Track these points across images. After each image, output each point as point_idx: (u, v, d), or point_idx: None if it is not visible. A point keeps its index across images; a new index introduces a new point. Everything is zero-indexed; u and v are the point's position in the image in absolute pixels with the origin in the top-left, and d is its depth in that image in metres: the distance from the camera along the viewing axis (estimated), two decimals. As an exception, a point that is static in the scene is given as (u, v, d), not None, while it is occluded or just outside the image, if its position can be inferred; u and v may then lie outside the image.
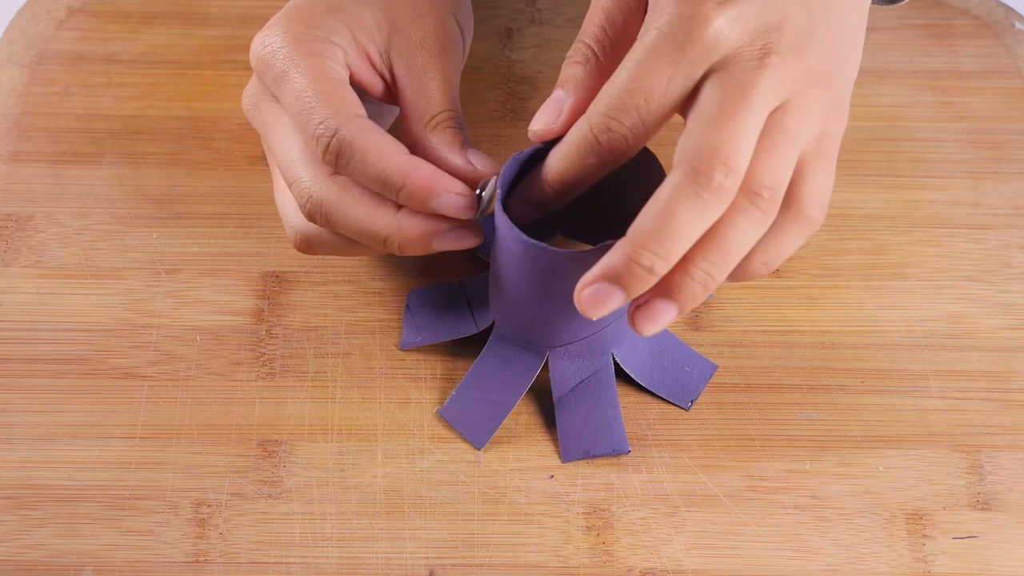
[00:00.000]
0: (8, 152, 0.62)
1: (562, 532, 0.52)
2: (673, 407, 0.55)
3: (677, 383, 0.55)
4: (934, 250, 0.60)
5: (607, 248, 0.46)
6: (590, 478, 0.53)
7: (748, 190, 0.44)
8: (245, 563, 0.51)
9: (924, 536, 0.52)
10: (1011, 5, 0.69)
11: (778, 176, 0.45)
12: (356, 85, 0.52)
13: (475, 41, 0.67)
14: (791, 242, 0.47)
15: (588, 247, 0.49)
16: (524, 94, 0.65)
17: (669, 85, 0.45)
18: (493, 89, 0.66)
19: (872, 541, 0.52)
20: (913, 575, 0.51)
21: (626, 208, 0.51)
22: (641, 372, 0.55)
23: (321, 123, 0.49)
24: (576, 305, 0.45)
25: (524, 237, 0.49)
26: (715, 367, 0.56)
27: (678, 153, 0.44)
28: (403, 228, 0.50)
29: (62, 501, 0.52)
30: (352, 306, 0.58)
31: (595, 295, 0.45)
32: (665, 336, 0.56)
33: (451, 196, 0.49)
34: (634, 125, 0.45)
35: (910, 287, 0.59)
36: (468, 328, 0.56)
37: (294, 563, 0.51)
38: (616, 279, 0.44)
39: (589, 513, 0.53)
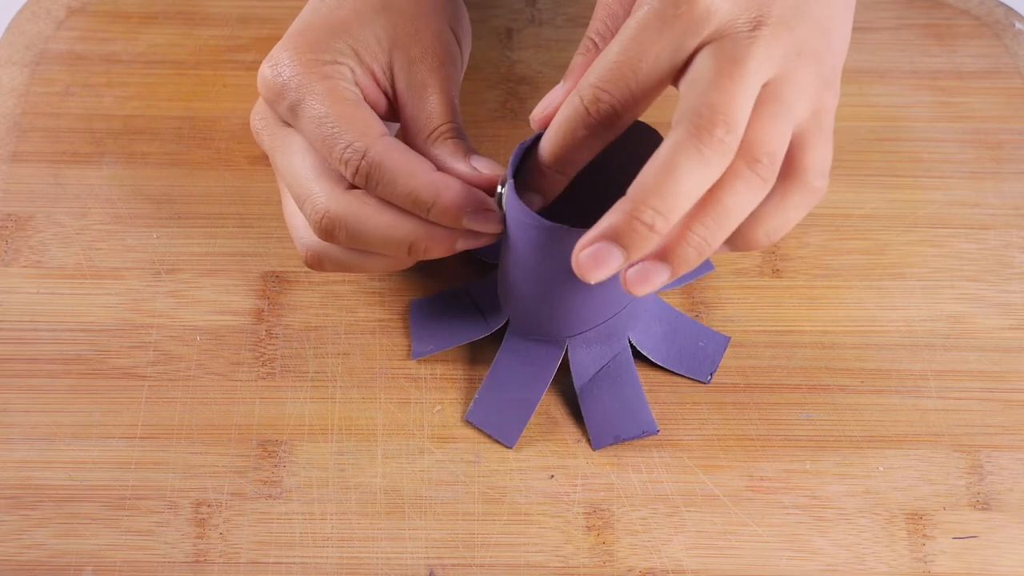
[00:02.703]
0: (8, 152, 0.62)
1: (562, 532, 0.52)
2: (673, 407, 0.55)
3: (694, 359, 0.56)
4: (934, 250, 0.60)
5: None
6: (590, 478, 0.53)
7: (748, 156, 0.44)
8: (245, 563, 0.51)
9: (924, 536, 0.52)
10: (1011, 5, 0.69)
11: (776, 144, 0.45)
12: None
13: (475, 41, 0.67)
14: (795, 212, 0.47)
15: None
16: (524, 94, 0.65)
17: (659, 56, 0.45)
18: (493, 89, 0.66)
19: (872, 541, 0.52)
20: (913, 575, 0.51)
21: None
22: (656, 351, 0.56)
23: (348, 147, 0.49)
24: (574, 268, 0.45)
25: (540, 219, 0.49)
26: (728, 339, 0.56)
27: (676, 115, 0.45)
28: (429, 231, 0.50)
29: (62, 501, 0.52)
30: (352, 306, 0.58)
31: (594, 255, 0.44)
32: (675, 314, 0.57)
33: (482, 213, 0.50)
34: (622, 95, 0.46)
35: (910, 287, 0.59)
36: (480, 330, 0.56)
37: (294, 563, 0.51)
38: (617, 238, 0.44)
39: (589, 513, 0.53)
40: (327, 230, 0.51)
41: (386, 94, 0.54)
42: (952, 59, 0.67)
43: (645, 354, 0.55)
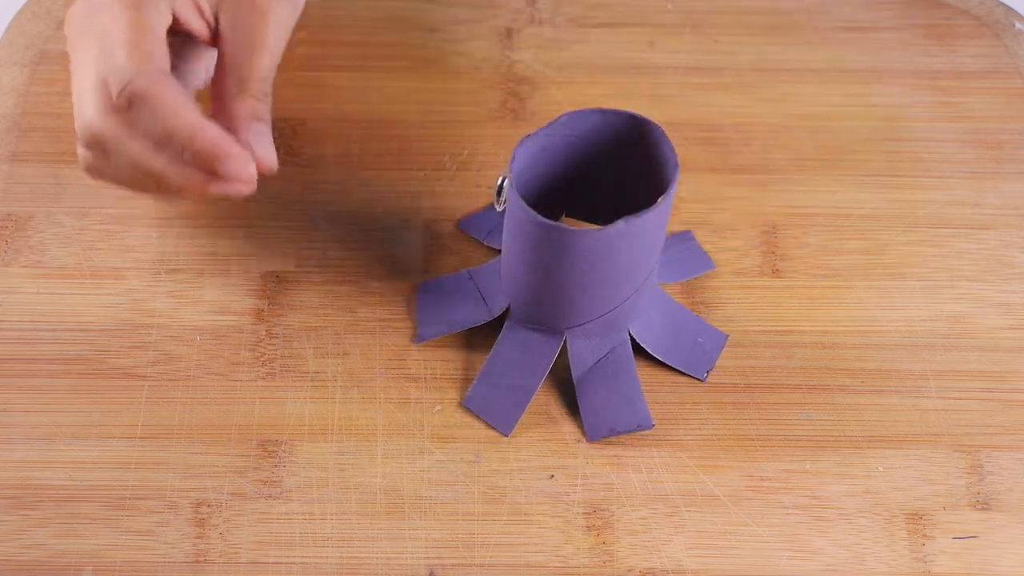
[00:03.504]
0: (8, 152, 0.62)
1: (562, 532, 0.52)
2: (672, 406, 0.55)
3: (692, 355, 0.56)
4: (934, 250, 0.60)
5: (623, 225, 0.47)
6: (590, 478, 0.53)
7: None
8: (245, 563, 0.51)
9: (924, 536, 0.52)
10: (1011, 5, 0.69)
11: None
12: (183, 30, 0.52)
13: (475, 41, 0.67)
14: None
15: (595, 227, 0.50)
16: (524, 94, 0.65)
17: None
18: (493, 89, 0.66)
19: (872, 541, 0.52)
20: (913, 575, 0.51)
21: (632, 186, 0.51)
22: (656, 346, 0.56)
23: (117, 70, 0.49)
24: None
25: (541, 218, 0.49)
26: (726, 336, 0.56)
27: None
28: (182, 170, 0.49)
29: (62, 501, 0.52)
30: (352, 306, 0.58)
31: None
32: (677, 309, 0.57)
33: (235, 160, 0.48)
34: None
35: (910, 287, 0.59)
36: (482, 315, 0.56)
37: (294, 563, 0.51)
38: None
39: (589, 513, 0.53)
40: (87, 144, 0.51)
41: (209, 25, 0.53)
42: (952, 59, 0.67)
43: (645, 347, 0.55)
